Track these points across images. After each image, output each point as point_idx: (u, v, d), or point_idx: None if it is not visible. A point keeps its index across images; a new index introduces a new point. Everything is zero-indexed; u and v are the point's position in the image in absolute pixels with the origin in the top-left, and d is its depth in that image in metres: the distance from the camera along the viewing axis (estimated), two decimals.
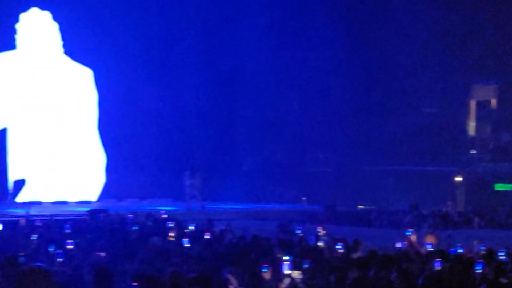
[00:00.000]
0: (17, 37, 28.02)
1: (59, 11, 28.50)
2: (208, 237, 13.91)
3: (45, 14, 28.35)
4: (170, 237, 14.25)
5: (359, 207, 27.73)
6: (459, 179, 28.37)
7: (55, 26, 28.49)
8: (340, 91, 29.28)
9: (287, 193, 30.17)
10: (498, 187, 29.16)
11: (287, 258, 9.66)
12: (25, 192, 26.68)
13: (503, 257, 11.37)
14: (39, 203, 25.50)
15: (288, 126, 30.84)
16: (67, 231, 15.08)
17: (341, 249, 11.98)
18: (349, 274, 9.47)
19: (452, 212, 24.63)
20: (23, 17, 28.01)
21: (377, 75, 29.77)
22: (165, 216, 18.55)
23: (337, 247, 12.09)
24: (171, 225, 15.84)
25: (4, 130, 28.14)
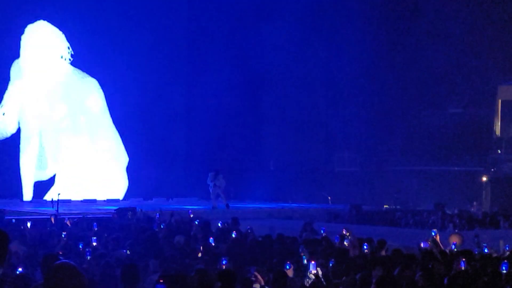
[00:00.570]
0: (23, 46, 28.21)
1: (67, 21, 28.70)
2: (234, 235, 14.05)
3: (51, 26, 28.53)
4: (194, 236, 14.41)
5: (384, 206, 27.72)
6: (484, 179, 28.24)
7: (61, 36, 28.65)
8: (366, 91, 29.28)
9: (313, 192, 30.21)
10: None
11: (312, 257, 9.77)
12: (54, 190, 26.98)
13: None
14: (68, 201, 25.79)
15: (314, 126, 30.89)
16: (95, 229, 15.30)
17: (366, 248, 12.06)
18: (373, 273, 9.56)
19: (477, 212, 24.56)
20: (29, 28, 28.23)
21: (402, 75, 29.71)
22: (192, 215, 18.72)
23: (364, 247, 12.17)
24: (196, 223, 16.00)
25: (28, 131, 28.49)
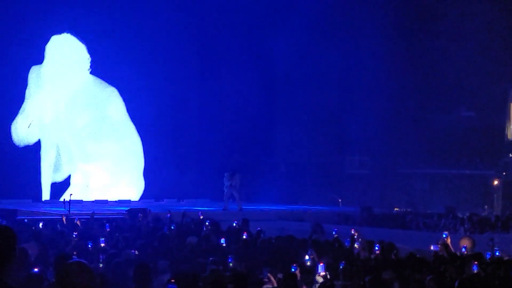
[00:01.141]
0: (47, 55, 28.48)
1: (91, 35, 28.92)
2: (244, 237, 14.08)
3: (76, 41, 28.82)
4: (205, 236, 14.45)
5: (395, 209, 27.69)
6: (496, 182, 28.15)
7: (84, 49, 28.92)
8: (378, 94, 29.24)
9: (323, 194, 30.21)
10: None
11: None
12: (66, 191, 27.12)
13: None
14: (80, 202, 25.91)
15: (325, 128, 30.87)
16: (107, 230, 15.37)
17: (377, 251, 12.07)
18: (383, 275, 9.57)
19: (489, 215, 24.49)
20: (55, 39, 28.51)
21: (414, 78, 29.67)
22: (202, 217, 18.76)
23: (375, 249, 12.17)
24: (207, 224, 16.05)
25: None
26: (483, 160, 29.12)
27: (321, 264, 9.76)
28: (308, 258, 10.67)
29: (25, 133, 28.25)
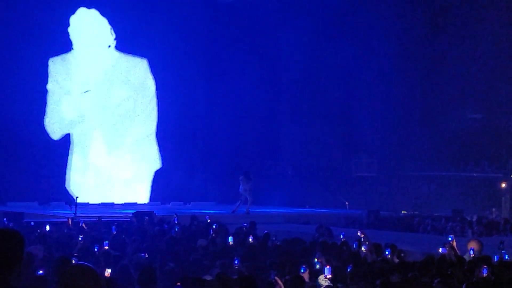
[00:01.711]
0: (72, 39, 28.58)
1: (105, 6, 29.01)
2: (251, 240, 14.05)
3: (93, 12, 28.84)
4: (213, 239, 14.42)
5: (402, 212, 27.61)
6: (504, 185, 28.06)
7: (104, 21, 28.99)
8: (384, 96, 29.19)
9: (330, 197, 30.15)
10: None
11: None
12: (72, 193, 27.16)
13: None
14: (86, 205, 25.91)
15: (332, 130, 30.81)
16: (114, 233, 15.35)
17: (388, 254, 12.02)
18: (391, 278, 9.53)
19: (497, 218, 24.40)
20: (72, 20, 28.52)
21: (421, 80, 29.60)
22: (209, 220, 18.74)
23: (386, 253, 12.12)
24: (215, 227, 16.02)
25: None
26: (491, 162, 29.02)
27: (328, 267, 9.72)
28: (316, 261, 10.64)
29: (61, 125, 28.26)
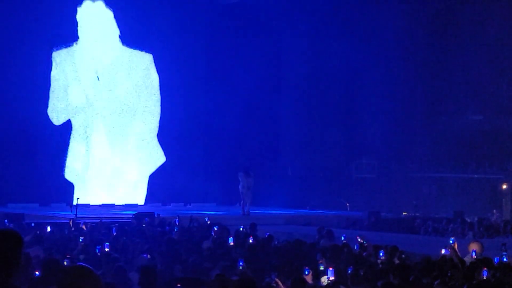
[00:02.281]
0: (79, 31, 28.54)
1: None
2: (251, 241, 14.03)
3: (98, 4, 28.82)
4: (213, 241, 14.40)
5: (403, 213, 27.59)
6: (505, 187, 28.04)
7: (110, 14, 28.97)
8: (385, 98, 29.17)
9: (331, 199, 30.13)
10: None
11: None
12: (73, 194, 27.13)
13: None
14: (87, 206, 25.89)
15: (332, 132, 30.81)
16: (114, 234, 15.34)
17: (384, 255, 12.00)
18: (391, 280, 9.51)
19: (497, 220, 24.38)
20: (80, 10, 28.52)
21: (423, 81, 29.58)
22: (209, 222, 18.73)
23: (380, 254, 12.11)
24: (216, 229, 15.99)
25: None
26: (492, 164, 29.00)
27: (330, 269, 9.71)
28: (320, 262, 10.64)
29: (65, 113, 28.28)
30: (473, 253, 12.08)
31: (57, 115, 28.44)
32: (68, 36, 28.50)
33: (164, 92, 30.15)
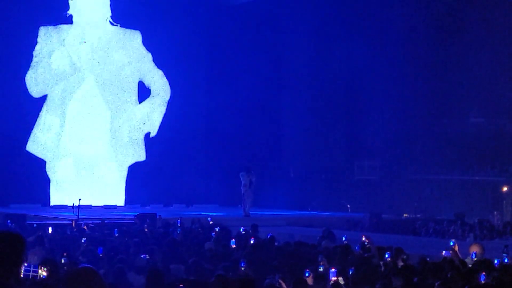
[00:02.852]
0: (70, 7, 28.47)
1: None
2: (252, 242, 14.05)
3: None
4: (215, 242, 14.43)
5: (404, 215, 27.62)
6: (505, 189, 28.05)
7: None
8: (387, 100, 29.19)
9: (332, 200, 30.17)
10: None
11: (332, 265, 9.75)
12: (72, 191, 27.18)
13: None
14: (89, 207, 25.95)
15: (334, 133, 30.85)
16: (116, 235, 15.38)
17: (389, 257, 12.03)
18: (393, 281, 9.54)
19: (498, 222, 24.40)
20: None
21: (424, 84, 29.59)
22: (211, 222, 18.77)
23: (385, 255, 12.13)
24: (217, 230, 16.03)
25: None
26: (493, 166, 29.01)
27: (333, 269, 9.75)
28: (321, 264, 10.67)
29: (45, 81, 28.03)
30: (473, 255, 12.11)
31: (36, 84, 27.99)
32: (57, 14, 28.36)
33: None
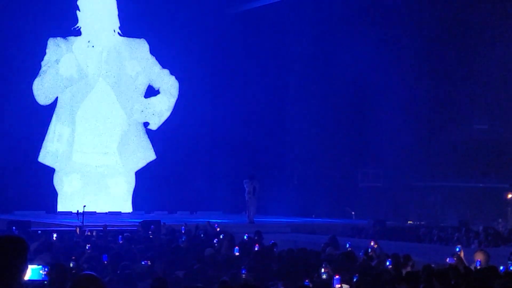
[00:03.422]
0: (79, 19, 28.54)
1: None
2: (256, 249, 14.06)
3: None
4: (220, 249, 14.44)
5: (408, 222, 27.58)
6: (510, 196, 28.01)
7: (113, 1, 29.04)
8: (390, 107, 29.18)
9: (336, 207, 30.15)
10: None
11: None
12: (79, 202, 27.19)
13: None
14: (93, 214, 25.97)
15: (338, 140, 30.83)
16: (120, 242, 15.40)
17: (391, 264, 12.02)
18: None
19: (502, 229, 24.35)
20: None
21: (427, 91, 29.58)
22: (218, 229, 18.79)
23: (387, 263, 12.13)
24: (222, 237, 16.03)
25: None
26: (497, 173, 28.97)
27: (337, 277, 9.74)
28: (323, 271, 10.64)
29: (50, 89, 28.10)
30: (478, 263, 12.09)
31: (42, 90, 28.04)
32: (67, 27, 28.44)
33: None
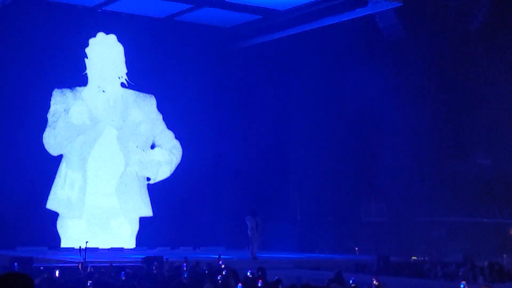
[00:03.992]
0: (87, 64, 28.66)
1: (124, 33, 29.33)
2: (260, 285, 13.98)
3: (111, 37, 29.03)
4: (223, 285, 14.36)
5: (413, 258, 27.44)
6: None
7: (120, 48, 29.14)
8: (394, 141, 29.20)
9: (340, 242, 30.02)
10: None
11: None
12: (81, 238, 27.10)
13: None
14: (96, 250, 25.88)
15: (341, 175, 30.80)
16: (123, 278, 15.33)
17: None
18: None
19: (507, 265, 24.20)
20: (92, 42, 28.70)
21: (431, 124, 29.61)
22: (223, 265, 18.73)
23: None
24: (224, 274, 15.95)
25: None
26: (501, 208, 28.88)
27: None
28: None
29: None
30: None
31: (56, 141, 28.13)
32: (72, 77, 28.60)
33: (175, 127, 30.36)
